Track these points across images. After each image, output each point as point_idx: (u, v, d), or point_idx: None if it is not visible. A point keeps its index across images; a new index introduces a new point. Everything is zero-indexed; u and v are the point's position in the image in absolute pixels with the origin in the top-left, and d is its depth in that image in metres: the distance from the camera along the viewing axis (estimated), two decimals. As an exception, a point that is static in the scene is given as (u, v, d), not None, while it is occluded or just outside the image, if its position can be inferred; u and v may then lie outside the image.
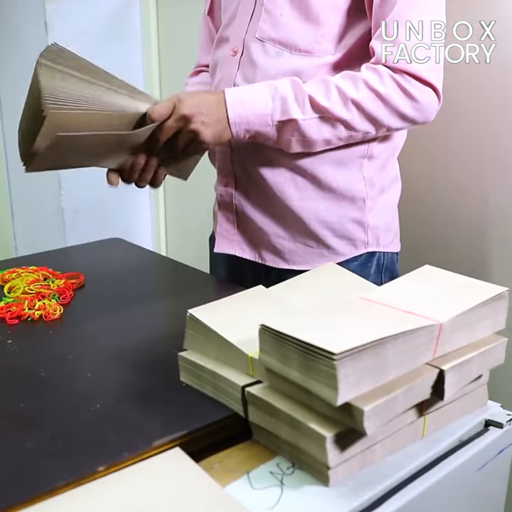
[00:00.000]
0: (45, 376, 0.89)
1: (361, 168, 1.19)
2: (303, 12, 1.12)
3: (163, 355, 0.92)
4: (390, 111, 1.09)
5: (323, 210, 1.19)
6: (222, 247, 1.29)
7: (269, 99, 1.08)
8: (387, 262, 1.26)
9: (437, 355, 0.73)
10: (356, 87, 1.08)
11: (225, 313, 0.85)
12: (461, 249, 1.49)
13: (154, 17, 2.29)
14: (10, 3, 2.30)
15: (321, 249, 1.22)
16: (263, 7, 1.15)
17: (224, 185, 1.26)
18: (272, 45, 1.15)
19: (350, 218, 1.20)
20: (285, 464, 0.72)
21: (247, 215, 1.24)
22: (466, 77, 1.41)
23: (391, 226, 1.27)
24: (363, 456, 0.71)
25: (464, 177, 1.47)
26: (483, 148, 1.43)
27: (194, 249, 2.28)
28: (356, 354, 0.64)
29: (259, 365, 0.75)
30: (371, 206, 1.21)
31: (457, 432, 0.79)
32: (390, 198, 1.27)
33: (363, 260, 1.23)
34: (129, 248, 1.49)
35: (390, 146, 1.22)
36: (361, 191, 1.20)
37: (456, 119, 1.45)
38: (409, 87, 1.08)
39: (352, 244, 1.22)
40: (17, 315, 1.08)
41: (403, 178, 1.30)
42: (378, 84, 1.07)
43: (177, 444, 0.72)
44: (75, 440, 0.74)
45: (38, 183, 2.47)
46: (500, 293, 0.79)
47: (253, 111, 1.08)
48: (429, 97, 1.10)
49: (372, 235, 1.22)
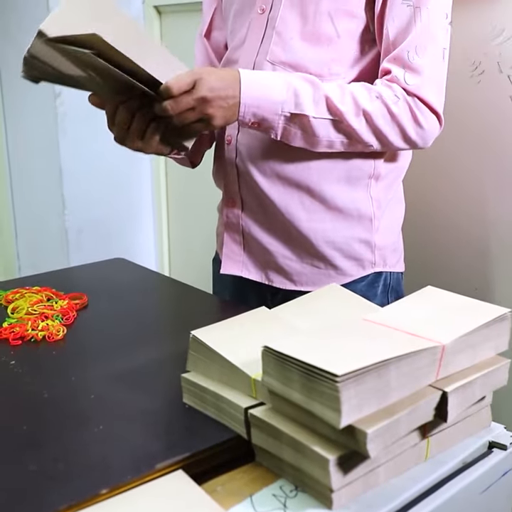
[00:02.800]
0: (48, 397, 0.89)
1: (368, 188, 1.20)
2: (314, 36, 1.13)
3: (166, 376, 0.92)
4: (397, 130, 1.11)
5: (331, 231, 1.19)
6: (228, 268, 1.28)
7: (284, 89, 1.08)
8: (393, 282, 1.27)
9: (440, 376, 0.73)
10: (371, 99, 1.09)
11: (228, 335, 0.85)
12: (464, 269, 1.49)
13: (158, 39, 2.31)
14: (16, 25, 2.33)
15: (328, 270, 1.22)
16: (274, 30, 1.16)
17: (230, 206, 1.26)
18: (282, 68, 1.16)
19: (357, 238, 1.21)
20: (288, 487, 0.72)
21: (254, 237, 1.24)
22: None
23: (397, 246, 1.28)
24: (367, 479, 0.70)
25: (466, 198, 1.48)
26: (485, 171, 1.43)
27: (197, 270, 2.29)
28: (359, 376, 0.64)
29: (262, 387, 0.75)
30: (378, 226, 1.22)
31: (461, 454, 0.78)
32: (396, 218, 1.28)
33: (370, 280, 1.23)
34: (132, 268, 1.50)
35: (396, 166, 1.23)
36: (368, 211, 1.20)
37: (459, 142, 1.46)
38: (418, 113, 1.10)
39: (359, 264, 1.22)
40: (20, 336, 1.08)
41: (406, 199, 1.30)
42: (392, 102, 1.09)
43: (180, 467, 0.72)
44: (78, 462, 0.74)
45: (42, 203, 2.48)
46: (503, 314, 0.79)
47: (265, 96, 1.07)
48: (433, 124, 1.12)
49: (379, 255, 1.23)
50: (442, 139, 1.14)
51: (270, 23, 1.17)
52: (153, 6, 2.27)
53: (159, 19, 2.30)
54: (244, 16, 1.22)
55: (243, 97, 1.05)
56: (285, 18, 1.15)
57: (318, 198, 1.18)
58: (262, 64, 1.17)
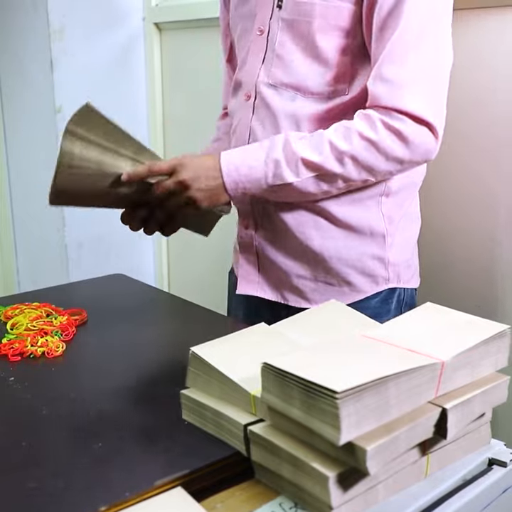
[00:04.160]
0: (46, 414, 0.89)
1: (379, 205, 1.20)
2: (314, 56, 1.14)
3: (166, 393, 0.92)
4: (384, 157, 1.09)
5: (344, 248, 1.20)
6: (244, 289, 1.29)
7: (262, 164, 1.10)
8: (408, 297, 1.27)
9: (440, 393, 0.73)
10: (349, 139, 1.08)
11: (228, 351, 0.85)
12: (467, 286, 1.49)
13: (158, 56, 2.33)
14: (16, 41, 2.34)
15: (342, 287, 1.22)
16: (274, 53, 1.17)
17: (244, 227, 1.27)
18: (284, 90, 1.17)
19: (370, 255, 1.21)
20: (288, 504, 0.71)
21: (268, 257, 1.25)
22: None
23: (411, 262, 1.28)
24: (366, 496, 0.70)
25: (470, 213, 1.47)
26: (493, 187, 1.43)
27: (197, 286, 2.29)
28: (359, 393, 0.64)
29: (261, 404, 0.75)
30: (391, 242, 1.22)
31: (461, 471, 0.78)
32: (411, 234, 1.28)
33: (384, 296, 1.23)
34: (132, 284, 1.50)
35: (408, 182, 1.22)
36: (380, 228, 1.20)
37: (470, 159, 1.46)
38: (401, 128, 1.07)
39: (373, 281, 1.22)
40: (20, 352, 1.08)
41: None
42: (369, 131, 1.07)
43: (179, 484, 0.72)
44: (77, 479, 0.74)
45: (42, 219, 2.48)
46: (502, 331, 0.79)
47: (247, 177, 1.10)
48: (422, 135, 1.08)
49: (393, 272, 1.23)
50: (449, 154, 1.11)
51: (270, 44, 1.18)
52: (154, 23, 2.28)
53: (159, 36, 2.31)
54: (246, 37, 1.24)
55: (227, 183, 1.10)
56: (283, 40, 1.16)
57: (329, 218, 1.19)
58: (263, 86, 1.19)
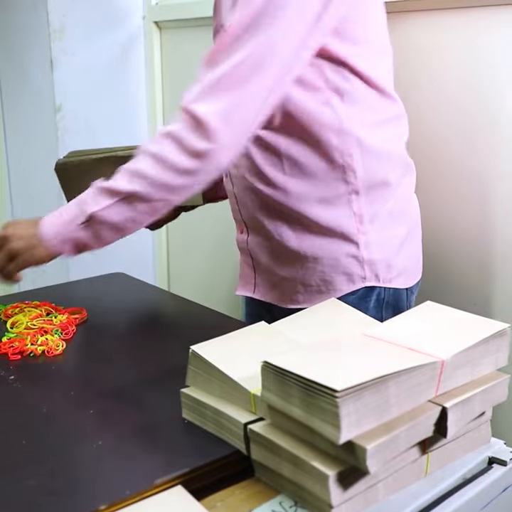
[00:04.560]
0: (46, 412, 0.89)
1: (350, 204, 1.19)
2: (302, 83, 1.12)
3: (165, 391, 0.92)
4: (167, 168, 1.05)
5: (319, 248, 1.20)
6: (242, 290, 1.34)
7: (72, 207, 1.13)
8: (389, 297, 1.25)
9: (440, 392, 0.73)
10: (138, 157, 1.08)
11: (228, 350, 0.85)
12: (464, 284, 1.49)
13: (158, 55, 2.32)
14: (17, 41, 2.34)
15: (320, 287, 1.22)
16: None
17: (240, 232, 1.32)
18: None
19: (344, 253, 1.21)
20: (288, 503, 0.71)
21: (259, 260, 1.29)
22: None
23: (394, 262, 1.25)
24: (366, 495, 0.70)
25: (467, 214, 1.48)
26: (490, 185, 1.43)
27: (196, 284, 2.29)
28: (358, 392, 0.64)
29: (261, 402, 0.75)
30: (366, 241, 1.21)
31: (461, 470, 0.78)
32: (395, 234, 1.25)
33: (361, 295, 1.23)
34: (132, 283, 1.50)
35: (377, 181, 1.20)
36: (352, 227, 1.20)
37: (459, 160, 1.46)
38: (184, 135, 1.04)
39: (349, 279, 1.22)
40: (19, 350, 1.08)
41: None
42: (151, 144, 1.08)
43: (179, 482, 0.72)
44: (77, 478, 0.74)
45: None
46: (502, 330, 0.79)
47: (58, 221, 1.13)
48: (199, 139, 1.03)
49: (369, 270, 1.22)
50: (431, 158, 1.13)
51: None
52: (154, 22, 2.28)
53: (159, 35, 2.31)
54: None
55: (43, 233, 1.12)
56: None
57: (301, 219, 1.19)
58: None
